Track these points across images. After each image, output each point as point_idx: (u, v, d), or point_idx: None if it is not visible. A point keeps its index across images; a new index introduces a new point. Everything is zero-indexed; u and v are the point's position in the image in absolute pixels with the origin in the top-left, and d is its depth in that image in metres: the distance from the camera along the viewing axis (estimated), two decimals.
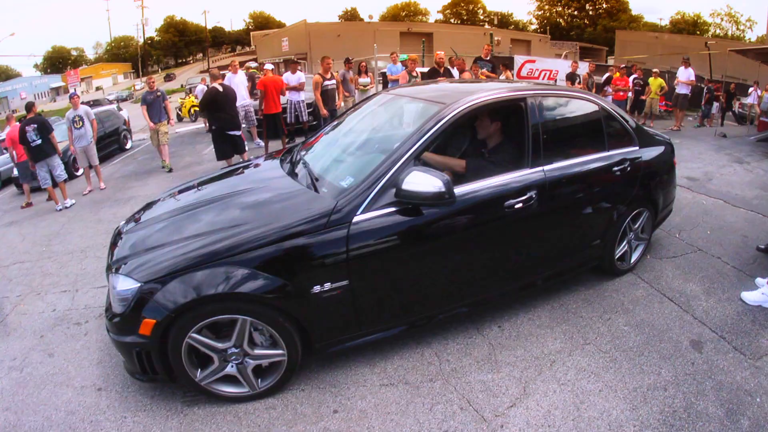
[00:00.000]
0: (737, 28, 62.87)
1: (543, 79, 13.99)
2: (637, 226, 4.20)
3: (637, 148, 3.96)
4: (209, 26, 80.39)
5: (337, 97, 9.17)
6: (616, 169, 3.70)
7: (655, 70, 13.81)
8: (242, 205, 2.97)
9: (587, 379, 3.02)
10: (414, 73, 9.10)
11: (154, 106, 9.07)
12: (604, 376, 3.06)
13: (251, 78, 10.89)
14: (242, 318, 2.54)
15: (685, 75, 12.46)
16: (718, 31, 62.05)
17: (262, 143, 9.68)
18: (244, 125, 9.87)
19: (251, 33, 68.61)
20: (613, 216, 3.83)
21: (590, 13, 69.87)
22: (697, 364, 3.24)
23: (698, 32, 57.49)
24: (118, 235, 3.19)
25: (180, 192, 3.67)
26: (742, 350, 3.45)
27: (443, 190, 2.57)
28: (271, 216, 2.72)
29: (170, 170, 9.23)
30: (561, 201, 3.40)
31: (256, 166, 3.99)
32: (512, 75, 12.39)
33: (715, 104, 15.63)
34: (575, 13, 71.48)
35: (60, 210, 7.92)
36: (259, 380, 2.80)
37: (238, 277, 2.47)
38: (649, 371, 3.13)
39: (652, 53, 24.08)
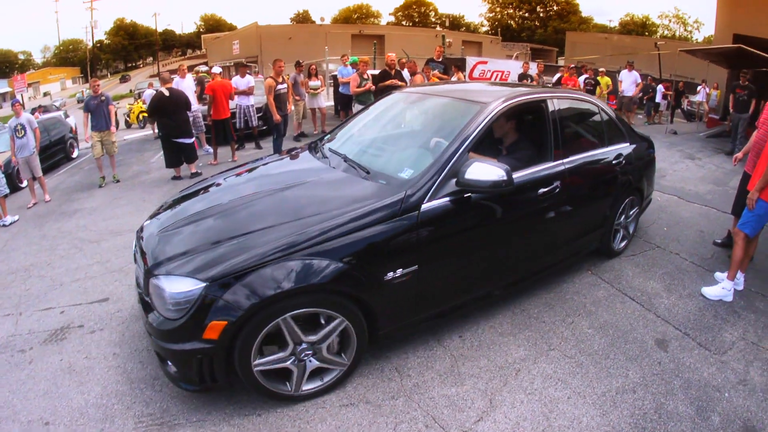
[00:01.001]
0: (685, 29, 67.68)
1: (495, 79, 14.56)
2: (628, 211, 4.87)
3: (628, 144, 4.68)
4: (160, 29, 79.49)
5: (288, 101, 9.09)
6: (614, 162, 4.38)
7: (601, 69, 14.53)
8: (300, 197, 3.11)
9: (554, 387, 3.03)
10: (365, 76, 9.16)
11: (99, 113, 8.50)
12: (572, 382, 3.08)
13: (200, 82, 10.69)
14: (314, 310, 2.64)
15: (630, 78, 13.10)
16: (666, 32, 66.68)
17: (211, 150, 9.49)
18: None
19: (202, 36, 68.42)
20: (612, 203, 4.48)
21: (541, 15, 73.43)
22: (664, 363, 3.33)
23: (647, 33, 61.61)
24: (151, 237, 3.05)
25: (206, 189, 3.71)
26: (706, 346, 3.58)
27: (504, 178, 2.88)
28: (337, 206, 2.83)
29: (117, 181, 8.75)
30: (576, 190, 3.95)
31: (283, 159, 4.19)
32: (464, 76, 12.79)
33: (663, 102, 16.54)
34: (526, 15, 74.86)
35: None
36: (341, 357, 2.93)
37: (315, 269, 2.56)
38: (617, 374, 3.18)
39: (601, 54, 25.35)
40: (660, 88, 16.27)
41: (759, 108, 9.90)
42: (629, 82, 13.03)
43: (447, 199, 2.97)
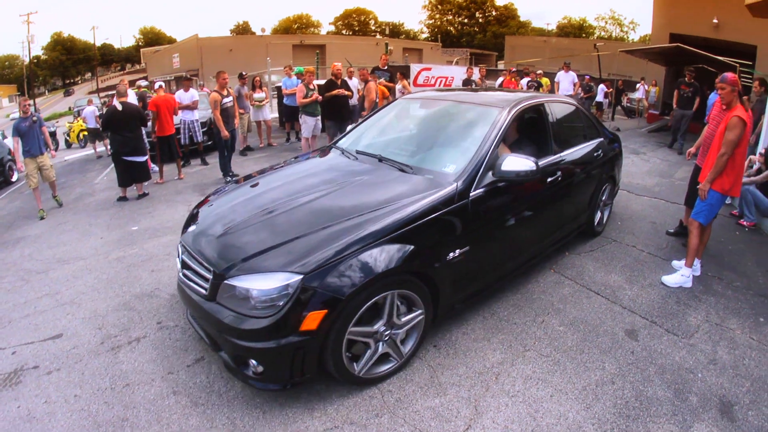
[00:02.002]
0: (621, 30, 72.47)
1: (439, 85, 15.11)
2: (605, 197, 5.71)
3: (603, 139, 5.54)
4: (98, 43, 76.47)
5: (235, 115, 8.97)
6: (595, 154, 5.21)
7: (539, 71, 15.31)
8: (358, 192, 3.48)
9: (536, 387, 3.14)
10: (311, 86, 9.21)
11: (31, 136, 7.83)
12: (552, 380, 3.21)
13: (142, 98, 10.41)
14: (392, 292, 2.98)
15: (567, 79, 13.87)
16: (603, 33, 71.04)
17: (157, 168, 9.20)
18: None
19: (141, 50, 66.42)
20: (594, 189, 5.31)
21: (480, 20, 76.79)
22: (637, 352, 3.54)
23: (584, 35, 65.57)
24: (211, 241, 3.18)
25: (248, 188, 3.96)
26: (674, 331, 3.84)
27: (534, 168, 3.50)
28: (398, 198, 3.25)
29: (60, 205, 8.18)
30: (571, 178, 4.71)
31: (313, 160, 4.53)
32: (409, 83, 13.09)
33: (605, 101, 17.53)
34: (465, 21, 78.04)
35: None
36: (404, 348, 3.25)
37: (397, 253, 2.93)
38: (594, 367, 3.35)
39: (541, 56, 26.70)
40: (602, 87, 17.27)
41: (703, 104, 10.73)
42: (567, 83, 13.77)
43: (487, 188, 3.55)
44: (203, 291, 2.98)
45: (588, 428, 2.80)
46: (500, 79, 14.26)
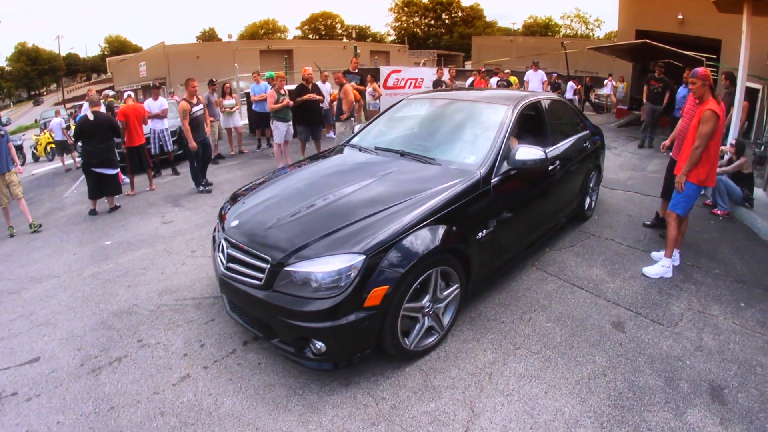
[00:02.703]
0: (587, 28, 74.74)
1: (409, 87, 15.32)
2: (592, 184, 6.31)
3: (588, 131, 6.18)
4: (63, 53, 74.45)
5: (206, 123, 8.88)
6: (584, 145, 5.83)
7: (507, 70, 15.68)
8: (396, 183, 3.84)
9: (530, 384, 3.21)
10: (282, 91, 9.20)
11: None
12: (545, 376, 3.29)
13: (109, 108, 10.22)
14: (436, 269, 3.38)
15: (537, 77, 14.22)
16: (568, 31, 73.35)
17: (128, 180, 9.01)
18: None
19: (107, 59, 65.20)
20: (585, 176, 5.91)
21: (446, 21, 78.07)
22: (625, 343, 3.66)
23: (550, 34, 67.37)
24: (262, 231, 3.41)
25: (279, 184, 4.28)
26: (659, 321, 3.98)
27: (543, 156, 4.05)
28: (431, 187, 3.67)
29: (39, 226, 7.83)
30: (566, 166, 5.22)
31: (335, 157, 4.86)
32: (379, 86, 13.40)
33: (575, 98, 17.97)
34: (432, 22, 79.15)
35: None
36: (444, 320, 3.65)
37: (440, 234, 3.35)
38: (585, 361, 3.44)
39: (507, 56, 27.31)
40: (571, 84, 17.75)
41: (672, 98, 11.09)
42: (536, 82, 14.10)
43: (503, 175, 4.06)
44: (257, 282, 3.19)
45: (585, 422, 2.88)
46: (470, 79, 14.53)
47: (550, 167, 4.77)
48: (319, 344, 3.04)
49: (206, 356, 3.61)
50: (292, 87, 10.09)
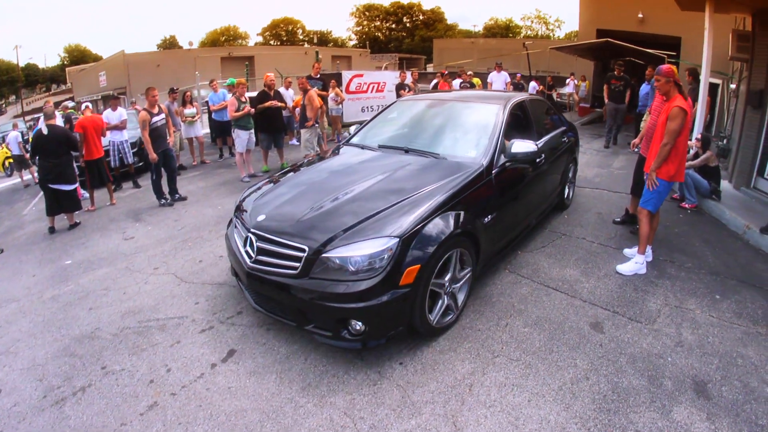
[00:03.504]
0: (547, 28, 76.67)
1: (372, 91, 15.64)
2: (570, 175, 6.87)
3: (566, 128, 6.83)
4: (21, 63, 71.30)
5: (169, 134, 8.61)
6: (563, 140, 6.44)
7: (470, 72, 15.97)
8: (409, 176, 4.22)
9: (512, 393, 3.17)
10: (243, 99, 9.07)
11: None
12: (526, 384, 3.26)
13: (68, 119, 9.86)
14: (455, 251, 3.81)
15: (500, 78, 14.44)
16: (529, 32, 74.93)
17: (87, 195, 8.64)
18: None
19: (67, 69, 63.27)
20: (564, 168, 6.44)
21: (408, 25, 78.85)
22: (605, 344, 3.67)
23: (511, 35, 68.80)
24: (294, 224, 3.66)
25: (301, 179, 4.61)
26: (637, 319, 4.02)
27: (536, 149, 4.65)
28: (441, 178, 4.10)
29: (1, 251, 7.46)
30: (550, 159, 5.72)
31: (343, 156, 5.17)
32: (342, 91, 13.54)
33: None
34: (393, 26, 79.90)
35: None
36: (459, 300, 4.05)
37: (458, 219, 3.78)
38: (566, 366, 3.43)
39: (469, 58, 27.84)
40: (533, 84, 18.11)
41: (634, 96, 11.35)
42: (500, 83, 14.32)
43: (501, 167, 4.52)
44: (292, 271, 3.45)
45: (572, 428, 2.85)
46: (434, 81, 14.66)
47: (538, 159, 5.20)
48: (359, 325, 3.33)
49: (173, 382, 3.46)
50: (254, 94, 10.07)
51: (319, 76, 11.97)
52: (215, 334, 3.99)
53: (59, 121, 9.07)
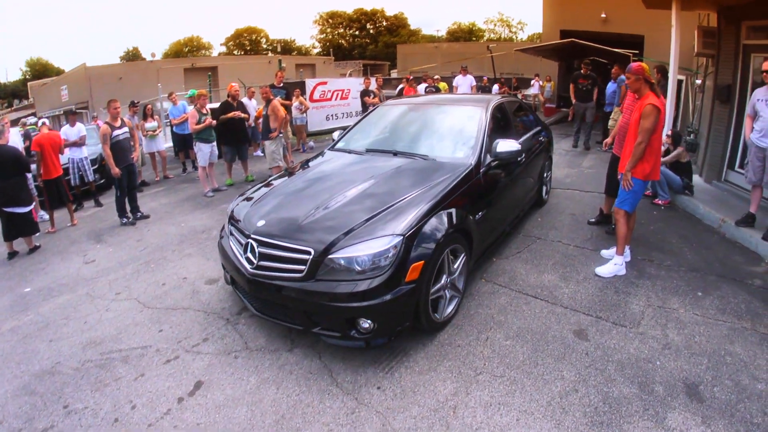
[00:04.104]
0: (510, 31, 78.12)
1: (336, 99, 15.89)
2: (547, 173, 7.22)
3: (541, 128, 7.11)
4: None
5: (134, 148, 8.29)
6: (539, 138, 6.73)
7: (436, 76, 16.13)
8: (403, 177, 4.39)
9: (499, 413, 3.05)
10: (204, 110, 8.85)
11: None
12: (513, 402, 3.13)
13: (27, 136, 9.44)
14: (453, 246, 3.99)
15: (466, 82, 14.51)
16: (492, 35, 75.94)
17: (47, 216, 8.23)
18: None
19: (29, 83, 61.44)
20: (541, 166, 6.71)
21: (371, 31, 79.44)
22: (591, 352, 3.59)
23: (474, 39, 69.89)
24: (295, 229, 3.75)
25: (297, 185, 4.68)
26: (621, 323, 3.96)
27: (519, 148, 4.89)
28: (434, 178, 4.29)
29: None
30: (530, 158, 5.99)
31: (331, 161, 5.24)
32: (306, 99, 13.52)
33: None
34: (357, 33, 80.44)
35: None
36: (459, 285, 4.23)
37: (453, 216, 3.96)
38: (553, 378, 3.32)
39: (433, 62, 28.20)
40: (495, 87, 18.25)
41: (600, 94, 11.42)
42: (465, 86, 14.40)
43: (487, 167, 4.75)
44: (298, 274, 3.52)
45: None
46: (400, 86, 14.69)
47: (519, 158, 5.38)
48: (367, 323, 3.42)
49: (139, 420, 3.24)
50: (217, 105, 9.92)
51: (282, 84, 11.87)
52: (181, 365, 3.78)
53: (16, 138, 8.74)
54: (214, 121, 9.02)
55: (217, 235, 6.47)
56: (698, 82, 9.61)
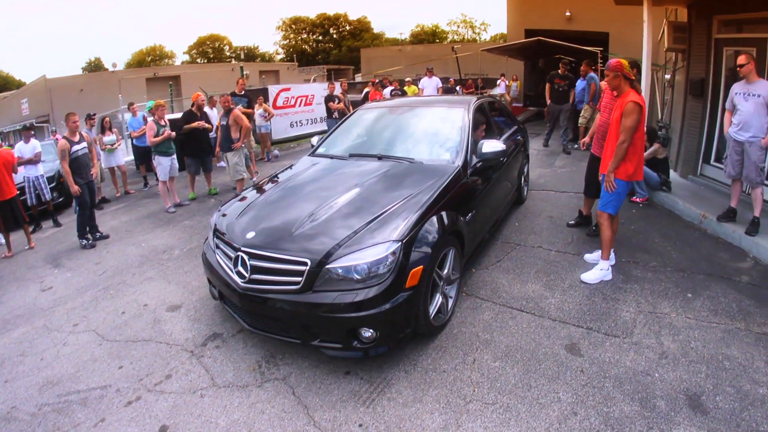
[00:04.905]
0: (474, 32, 79.63)
1: (300, 105, 15.77)
2: (525, 171, 7.31)
3: (518, 126, 7.23)
4: None
5: (93, 164, 7.85)
6: (518, 137, 6.86)
7: (408, 79, 16.24)
8: (390, 182, 4.35)
9: None
10: (162, 122, 8.47)
11: None
12: None
13: None
14: (447, 249, 4.01)
15: (432, 84, 14.47)
16: (456, 37, 77.23)
17: (2, 240, 7.73)
18: None
19: None
20: (520, 165, 6.83)
21: (335, 36, 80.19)
22: (586, 369, 3.41)
23: (437, 40, 70.73)
24: (288, 239, 3.68)
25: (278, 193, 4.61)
26: (614, 333, 3.81)
27: (504, 148, 4.99)
28: (426, 181, 4.28)
29: None
30: (509, 158, 6.03)
31: (315, 166, 5.16)
32: (269, 105, 13.37)
33: None
34: (320, 38, 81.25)
35: None
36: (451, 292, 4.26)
37: (447, 219, 3.99)
38: (549, 402, 3.13)
39: (397, 65, 28.75)
40: (458, 89, 18.29)
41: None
42: (431, 88, 14.35)
43: (474, 168, 4.80)
44: (294, 286, 3.45)
45: None
46: (366, 90, 14.58)
47: (502, 157, 5.52)
48: (369, 332, 3.38)
49: None
50: (180, 115, 9.63)
51: (243, 92, 11.56)
52: (143, 407, 3.46)
53: None
54: (173, 133, 8.69)
55: (179, 254, 6.19)
56: (667, 77, 9.64)
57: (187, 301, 4.99)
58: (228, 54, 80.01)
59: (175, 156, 8.87)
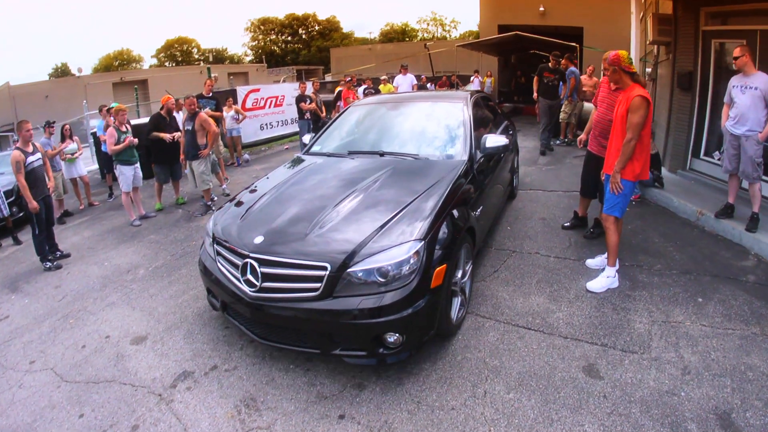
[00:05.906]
0: (444, 30, 79.94)
1: (270, 107, 15.54)
2: (516, 165, 7.41)
3: (507, 122, 7.28)
4: None
5: (48, 176, 7.32)
6: (509, 132, 6.91)
7: (383, 77, 16.24)
8: (399, 179, 4.28)
9: None
10: (123, 128, 7.97)
11: None
12: None
13: None
14: (464, 245, 4.00)
15: (407, 81, 14.31)
16: (426, 35, 77.69)
17: None
18: None
19: None
20: (513, 158, 6.86)
21: (304, 36, 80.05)
22: (609, 394, 3.16)
23: (407, 39, 71.40)
24: (304, 241, 3.50)
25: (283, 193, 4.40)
26: (631, 349, 3.59)
27: (508, 142, 5.08)
28: (434, 177, 4.21)
29: None
30: (506, 150, 5.70)
31: (319, 165, 4.99)
32: (239, 107, 13.06)
33: None
34: (289, 38, 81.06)
35: None
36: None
37: (463, 215, 4.00)
38: None
39: (367, 64, 28.84)
40: (429, 86, 18.29)
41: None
42: (406, 86, 14.20)
43: (479, 162, 4.81)
44: (313, 293, 3.27)
45: None
46: (338, 89, 14.36)
47: (504, 151, 5.57)
48: (394, 336, 3.25)
49: None
50: (145, 120, 9.20)
51: (211, 94, 11.10)
52: None
53: None
54: (136, 140, 8.12)
55: (144, 274, 5.78)
56: (648, 70, 9.51)
57: (153, 331, 4.52)
58: (196, 57, 79.65)
59: (138, 165, 8.34)
